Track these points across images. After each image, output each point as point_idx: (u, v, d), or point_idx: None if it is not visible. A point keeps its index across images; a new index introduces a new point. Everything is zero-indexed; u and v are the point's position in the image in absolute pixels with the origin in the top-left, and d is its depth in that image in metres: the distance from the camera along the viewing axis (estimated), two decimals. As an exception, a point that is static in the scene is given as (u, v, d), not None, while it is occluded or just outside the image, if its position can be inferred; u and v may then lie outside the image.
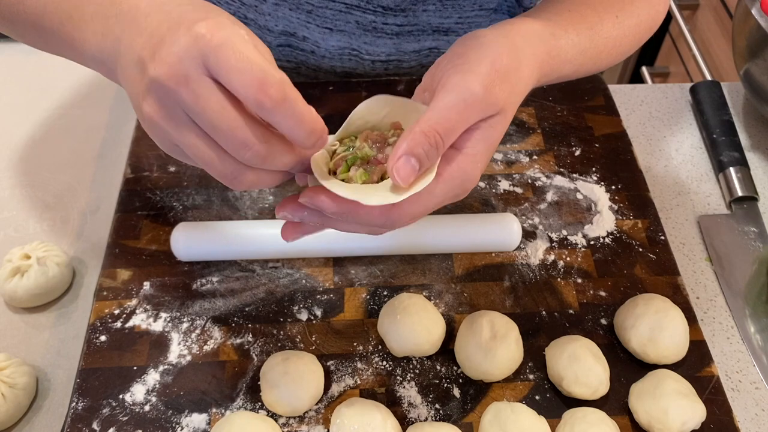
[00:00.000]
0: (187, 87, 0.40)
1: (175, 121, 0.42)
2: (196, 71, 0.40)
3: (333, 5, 0.79)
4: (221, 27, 0.41)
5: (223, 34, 0.40)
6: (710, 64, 1.46)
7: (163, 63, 0.41)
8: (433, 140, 0.45)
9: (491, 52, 0.49)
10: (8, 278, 0.67)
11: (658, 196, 0.79)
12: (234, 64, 0.40)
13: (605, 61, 0.62)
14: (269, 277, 0.69)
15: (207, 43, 0.40)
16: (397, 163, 0.44)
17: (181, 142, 0.43)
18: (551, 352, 0.63)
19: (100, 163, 0.82)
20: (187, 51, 0.40)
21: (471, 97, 0.46)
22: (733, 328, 0.69)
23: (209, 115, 0.41)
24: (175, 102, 0.41)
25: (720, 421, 0.60)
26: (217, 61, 0.40)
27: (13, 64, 0.93)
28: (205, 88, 0.40)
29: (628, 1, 0.62)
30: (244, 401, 0.61)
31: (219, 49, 0.40)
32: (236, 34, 0.41)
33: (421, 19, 0.82)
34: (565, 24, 0.56)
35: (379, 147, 0.48)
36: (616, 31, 0.60)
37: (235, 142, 0.42)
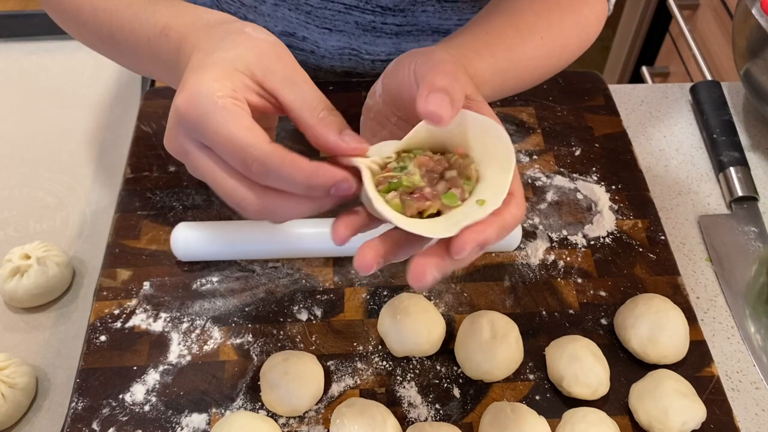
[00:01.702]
0: (186, 159, 0.45)
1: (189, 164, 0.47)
2: (189, 144, 0.44)
3: (332, 5, 0.79)
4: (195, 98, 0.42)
5: (197, 109, 0.42)
6: (710, 63, 1.46)
7: (168, 136, 0.46)
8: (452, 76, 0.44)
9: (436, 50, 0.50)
10: (8, 278, 0.67)
11: (658, 196, 0.79)
12: (217, 144, 0.42)
13: (528, 81, 0.62)
14: (269, 277, 0.69)
15: (188, 122, 0.43)
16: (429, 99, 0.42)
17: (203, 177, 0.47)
18: (551, 352, 0.63)
19: (100, 163, 0.82)
20: (176, 128, 0.44)
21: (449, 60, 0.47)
22: (733, 328, 0.69)
23: (209, 180, 0.44)
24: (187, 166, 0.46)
25: (720, 421, 0.60)
26: (203, 138, 0.43)
27: (13, 64, 0.93)
28: (197, 159, 0.44)
29: (555, 22, 0.61)
30: (244, 401, 0.61)
31: (199, 127, 0.42)
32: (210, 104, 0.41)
33: (420, 20, 0.82)
34: (479, 47, 0.56)
35: (432, 179, 0.44)
36: (539, 52, 0.60)
37: (234, 202, 0.44)
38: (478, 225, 0.41)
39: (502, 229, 0.42)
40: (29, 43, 0.95)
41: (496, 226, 0.42)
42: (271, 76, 0.44)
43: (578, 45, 0.65)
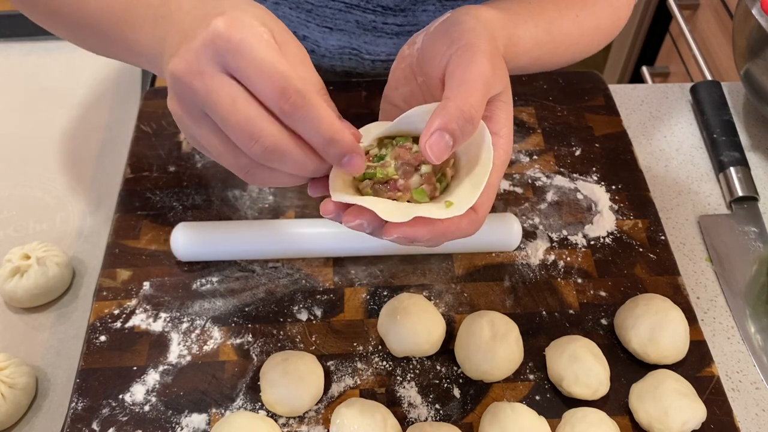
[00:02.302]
0: (201, 81, 0.41)
1: (192, 114, 0.43)
2: (212, 67, 0.41)
3: (333, 4, 0.79)
4: (240, 24, 0.41)
5: (241, 33, 0.40)
6: (710, 63, 1.46)
7: (181, 58, 0.42)
8: (468, 114, 0.44)
9: (482, 35, 0.49)
10: (8, 278, 0.67)
11: (658, 196, 0.79)
12: (254, 69, 0.40)
13: (562, 58, 0.62)
14: (269, 277, 0.69)
15: (225, 43, 0.41)
16: (430, 139, 0.43)
17: (198, 134, 0.44)
18: (551, 352, 0.62)
19: (100, 163, 0.82)
20: (204, 48, 0.41)
21: (486, 73, 0.46)
22: (733, 328, 0.69)
23: (219, 108, 0.41)
24: (191, 96, 0.42)
25: (720, 421, 0.60)
26: (237, 63, 0.41)
27: (13, 64, 0.93)
28: (218, 83, 0.41)
29: (591, 3, 0.62)
30: (244, 401, 0.61)
31: (237, 51, 0.40)
32: (255, 34, 0.41)
33: (421, 19, 0.82)
34: (524, 14, 0.56)
35: (407, 171, 0.46)
36: (575, 29, 0.60)
37: (243, 136, 0.42)
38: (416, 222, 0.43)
39: (440, 237, 0.44)
40: (29, 43, 0.95)
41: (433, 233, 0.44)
42: (286, 48, 0.44)
43: (610, 27, 0.65)
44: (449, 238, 0.45)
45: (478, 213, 0.45)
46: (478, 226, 0.46)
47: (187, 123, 0.44)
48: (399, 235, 0.43)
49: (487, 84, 0.46)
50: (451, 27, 0.50)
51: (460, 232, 0.45)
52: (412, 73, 0.52)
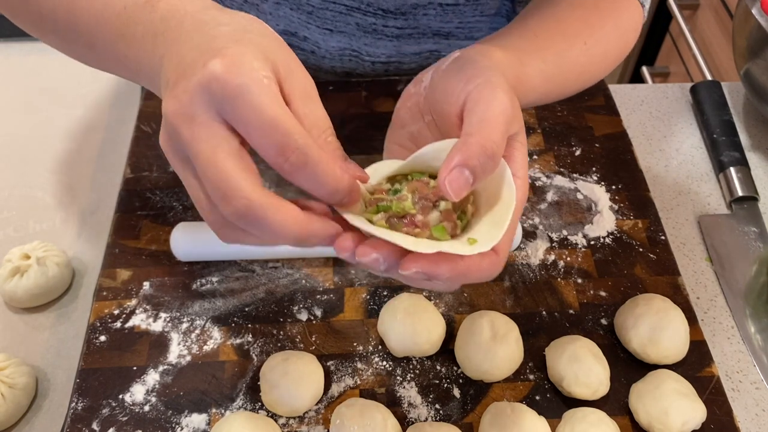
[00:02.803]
0: (188, 127, 0.39)
1: (177, 156, 0.41)
2: (205, 113, 0.39)
3: (333, 7, 0.79)
4: (239, 67, 0.38)
5: (239, 78, 0.38)
6: (710, 64, 1.46)
7: (175, 99, 0.40)
8: (491, 151, 0.42)
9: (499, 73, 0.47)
10: (8, 278, 0.67)
11: (658, 196, 0.79)
12: (252, 122, 0.38)
13: (572, 88, 0.61)
14: (269, 277, 0.69)
15: (222, 88, 0.38)
16: (450, 175, 0.41)
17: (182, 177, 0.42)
18: (551, 352, 0.62)
19: (100, 163, 0.82)
20: (200, 91, 0.39)
21: (507, 110, 0.45)
22: (733, 328, 0.69)
23: (199, 158, 0.39)
24: (177, 139, 0.40)
25: (720, 421, 0.60)
26: (234, 113, 0.38)
27: (13, 64, 0.93)
28: (204, 132, 0.39)
29: (597, 27, 0.61)
30: (244, 401, 0.61)
31: (235, 100, 0.38)
32: (255, 79, 0.38)
33: (422, 23, 0.82)
34: (532, 50, 0.55)
35: (425, 207, 0.43)
36: (583, 58, 0.59)
37: (216, 193, 0.39)
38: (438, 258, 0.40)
39: (461, 276, 0.41)
40: (29, 43, 0.95)
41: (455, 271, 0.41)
42: (291, 80, 0.41)
43: (618, 52, 0.64)
44: (469, 280, 0.42)
45: (499, 254, 0.43)
46: (499, 268, 0.43)
47: (173, 163, 0.42)
48: (419, 269, 0.40)
49: (508, 121, 0.44)
50: (465, 65, 0.48)
51: (480, 273, 0.42)
52: (419, 111, 0.50)
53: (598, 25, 0.61)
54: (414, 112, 0.51)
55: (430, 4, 0.79)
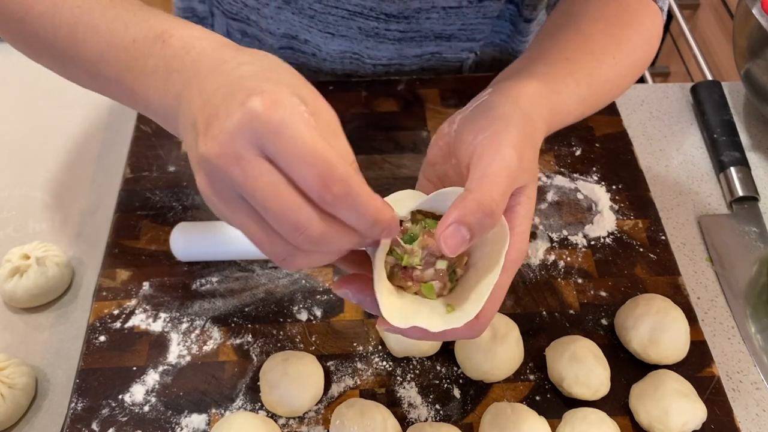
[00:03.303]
0: (238, 167, 0.38)
1: (225, 198, 0.41)
2: (249, 152, 0.38)
3: (336, 11, 0.79)
4: (279, 104, 0.38)
5: (281, 113, 0.38)
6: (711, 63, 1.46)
7: (215, 141, 0.38)
8: (488, 209, 0.42)
9: (514, 122, 0.47)
10: (7, 278, 0.67)
11: (658, 196, 0.79)
12: (295, 155, 0.38)
13: (604, 103, 0.61)
14: (269, 278, 0.69)
15: (264, 125, 0.37)
16: (446, 231, 0.41)
17: (232, 219, 0.42)
18: (552, 353, 0.62)
19: (100, 163, 0.82)
20: (241, 130, 0.38)
21: (511, 165, 0.44)
22: (733, 328, 0.69)
23: (260, 195, 0.38)
24: (225, 180, 0.39)
25: (721, 421, 0.60)
26: (276, 147, 0.38)
27: (13, 64, 0.93)
28: (257, 169, 0.38)
29: (624, 40, 0.60)
30: (244, 402, 0.61)
31: (278, 135, 0.37)
32: (295, 114, 0.38)
33: (424, 26, 0.81)
34: (563, 75, 0.54)
35: (428, 262, 0.45)
36: (613, 73, 0.59)
37: (287, 226, 0.39)
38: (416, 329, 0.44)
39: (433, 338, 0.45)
40: (29, 43, 0.95)
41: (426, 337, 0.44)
42: (319, 118, 0.40)
43: (644, 61, 0.63)
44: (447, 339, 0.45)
45: (479, 321, 0.44)
46: (479, 332, 0.45)
47: (219, 206, 0.41)
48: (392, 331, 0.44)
49: (511, 176, 0.44)
50: (482, 113, 0.48)
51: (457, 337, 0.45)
52: (448, 152, 0.50)
53: (624, 37, 0.60)
54: (444, 152, 0.50)
55: (433, 7, 0.79)
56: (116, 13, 0.48)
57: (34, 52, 0.55)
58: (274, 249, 0.41)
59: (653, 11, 0.64)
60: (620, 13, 0.62)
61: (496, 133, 0.45)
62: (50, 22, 0.50)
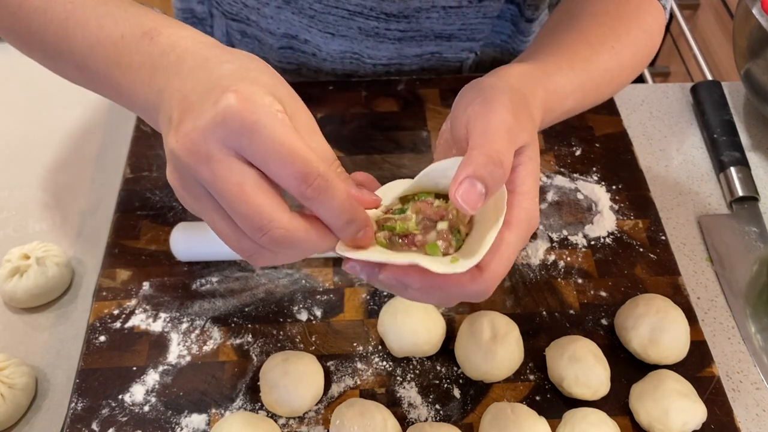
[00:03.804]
0: (207, 167, 0.39)
1: (193, 194, 0.41)
2: (220, 151, 0.38)
3: (336, 11, 0.79)
4: (253, 103, 0.38)
5: (255, 114, 0.38)
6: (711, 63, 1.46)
7: (186, 138, 0.39)
8: (497, 159, 0.42)
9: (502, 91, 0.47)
10: (7, 278, 0.67)
11: (658, 196, 0.79)
12: (273, 154, 0.38)
13: (606, 92, 0.61)
14: (269, 278, 0.69)
15: (238, 125, 0.38)
16: (460, 188, 0.41)
17: (199, 213, 0.42)
18: (552, 353, 0.62)
19: (100, 163, 0.82)
20: (213, 129, 0.38)
21: (508, 121, 0.44)
22: (733, 328, 0.69)
23: (227, 196, 0.39)
24: (194, 177, 0.40)
25: (721, 421, 0.60)
26: (252, 147, 0.38)
27: (13, 64, 0.93)
28: (226, 169, 0.39)
29: (623, 32, 0.61)
30: (244, 402, 0.61)
31: (254, 134, 0.38)
32: (269, 114, 0.38)
33: (424, 26, 0.82)
34: (557, 61, 0.55)
35: (427, 227, 0.44)
36: (613, 62, 0.59)
37: (251, 227, 0.40)
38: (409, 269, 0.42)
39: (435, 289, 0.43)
40: (29, 43, 0.94)
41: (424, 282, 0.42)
42: (297, 118, 0.41)
43: (646, 53, 0.64)
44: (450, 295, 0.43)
45: (483, 273, 0.43)
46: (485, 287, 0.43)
47: (186, 199, 0.42)
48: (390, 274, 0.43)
49: (510, 131, 0.44)
50: (471, 89, 0.49)
51: (462, 290, 0.43)
52: (448, 146, 0.50)
53: (623, 29, 0.61)
54: (445, 147, 0.51)
55: (433, 7, 0.79)
56: (107, 10, 0.48)
57: (27, 46, 0.55)
58: (241, 246, 0.42)
59: (656, 8, 0.65)
60: (620, 10, 0.62)
61: (487, 100, 0.46)
62: (42, 17, 0.51)
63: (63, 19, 0.50)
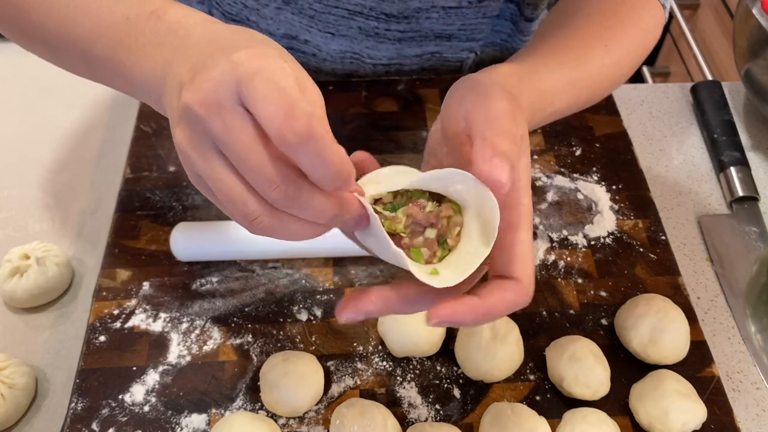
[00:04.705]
0: (218, 116, 0.38)
1: (202, 150, 0.40)
2: (230, 100, 0.38)
3: (336, 11, 0.79)
4: (262, 56, 0.38)
5: (261, 62, 0.38)
6: (711, 63, 1.46)
7: (199, 89, 0.38)
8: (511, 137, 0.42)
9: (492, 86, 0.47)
10: (8, 278, 0.67)
11: (658, 196, 0.79)
12: (262, 93, 0.37)
13: (600, 91, 0.61)
14: (269, 278, 0.69)
15: (243, 71, 0.38)
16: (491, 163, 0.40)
17: (206, 173, 0.41)
18: (552, 353, 0.62)
19: (100, 163, 0.82)
20: (223, 78, 0.38)
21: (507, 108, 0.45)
22: (733, 328, 0.69)
23: (238, 147, 0.38)
24: (205, 131, 0.39)
25: (721, 421, 0.60)
26: (248, 89, 0.37)
27: (13, 64, 0.93)
28: (237, 120, 0.38)
29: (618, 30, 0.61)
30: (244, 402, 0.61)
31: (252, 77, 0.37)
32: (275, 64, 0.38)
33: (424, 26, 0.81)
34: (547, 60, 0.55)
35: (414, 231, 0.44)
36: (607, 60, 0.59)
37: (262, 179, 0.38)
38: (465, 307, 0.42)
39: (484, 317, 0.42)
40: (29, 43, 0.95)
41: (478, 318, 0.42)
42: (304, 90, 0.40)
43: (642, 51, 0.63)
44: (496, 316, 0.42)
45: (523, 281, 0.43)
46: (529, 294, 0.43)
47: (194, 159, 0.41)
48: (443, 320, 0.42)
49: (512, 116, 0.44)
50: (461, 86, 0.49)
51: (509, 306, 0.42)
52: (438, 145, 0.50)
53: (618, 28, 0.61)
54: (434, 147, 0.51)
55: (433, 7, 0.79)
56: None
57: (29, 39, 0.55)
58: (247, 209, 0.40)
59: (654, 6, 0.64)
60: (616, 9, 0.62)
61: (482, 92, 0.46)
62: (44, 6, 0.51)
63: (65, 6, 0.50)
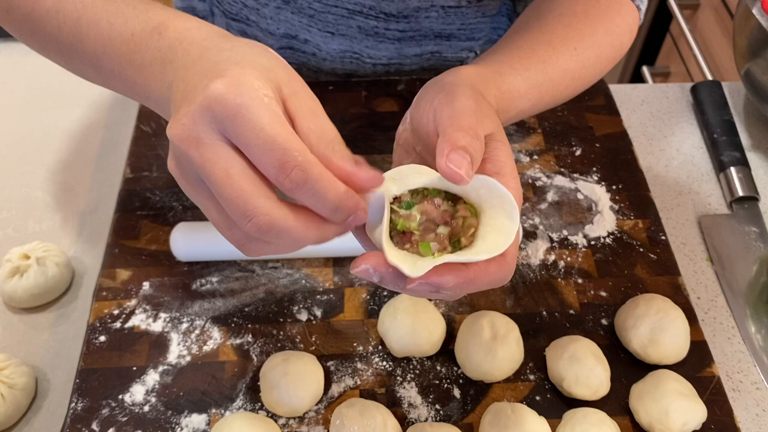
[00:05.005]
0: (197, 150, 0.39)
1: (189, 180, 0.42)
2: (209, 135, 0.39)
3: (335, 10, 0.79)
4: (239, 87, 0.39)
5: (240, 97, 0.38)
6: (711, 63, 1.46)
7: (178, 124, 0.40)
8: (472, 132, 0.43)
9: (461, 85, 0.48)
10: (7, 278, 0.67)
11: (658, 196, 0.79)
12: (253, 140, 0.38)
13: (566, 93, 0.61)
14: (269, 278, 0.69)
15: (222, 109, 0.38)
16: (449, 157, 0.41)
17: (194, 199, 0.43)
18: (552, 353, 0.62)
19: (100, 163, 0.82)
20: (201, 112, 0.39)
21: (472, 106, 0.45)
22: (733, 328, 0.69)
23: (214, 180, 0.39)
24: (188, 162, 0.40)
25: (721, 421, 0.60)
26: (235, 131, 0.39)
27: (13, 64, 0.93)
28: (213, 153, 0.39)
29: (588, 33, 0.60)
30: (244, 402, 0.61)
31: (236, 118, 0.38)
32: (255, 98, 0.38)
33: (424, 25, 0.82)
34: (511, 62, 0.55)
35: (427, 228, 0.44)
36: (574, 63, 0.59)
37: (236, 213, 0.40)
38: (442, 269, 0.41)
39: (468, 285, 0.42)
40: (29, 43, 0.95)
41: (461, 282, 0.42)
42: (295, 98, 0.41)
43: (612, 54, 0.63)
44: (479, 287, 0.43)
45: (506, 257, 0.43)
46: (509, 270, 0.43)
47: (184, 186, 0.43)
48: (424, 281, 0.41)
49: (476, 113, 0.45)
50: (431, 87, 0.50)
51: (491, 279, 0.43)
52: (410, 145, 0.51)
53: (588, 30, 0.61)
54: (406, 147, 0.51)
55: (432, 6, 0.79)
56: (117, 8, 0.49)
57: (42, 46, 0.56)
58: (233, 235, 0.42)
59: (627, 9, 0.64)
60: (588, 10, 0.62)
61: (450, 93, 0.47)
62: (55, 17, 0.52)
63: (75, 19, 0.50)
